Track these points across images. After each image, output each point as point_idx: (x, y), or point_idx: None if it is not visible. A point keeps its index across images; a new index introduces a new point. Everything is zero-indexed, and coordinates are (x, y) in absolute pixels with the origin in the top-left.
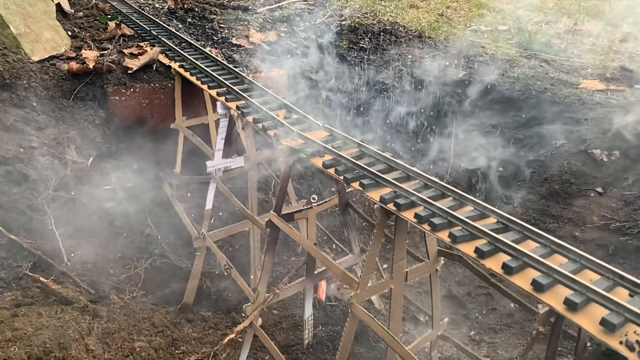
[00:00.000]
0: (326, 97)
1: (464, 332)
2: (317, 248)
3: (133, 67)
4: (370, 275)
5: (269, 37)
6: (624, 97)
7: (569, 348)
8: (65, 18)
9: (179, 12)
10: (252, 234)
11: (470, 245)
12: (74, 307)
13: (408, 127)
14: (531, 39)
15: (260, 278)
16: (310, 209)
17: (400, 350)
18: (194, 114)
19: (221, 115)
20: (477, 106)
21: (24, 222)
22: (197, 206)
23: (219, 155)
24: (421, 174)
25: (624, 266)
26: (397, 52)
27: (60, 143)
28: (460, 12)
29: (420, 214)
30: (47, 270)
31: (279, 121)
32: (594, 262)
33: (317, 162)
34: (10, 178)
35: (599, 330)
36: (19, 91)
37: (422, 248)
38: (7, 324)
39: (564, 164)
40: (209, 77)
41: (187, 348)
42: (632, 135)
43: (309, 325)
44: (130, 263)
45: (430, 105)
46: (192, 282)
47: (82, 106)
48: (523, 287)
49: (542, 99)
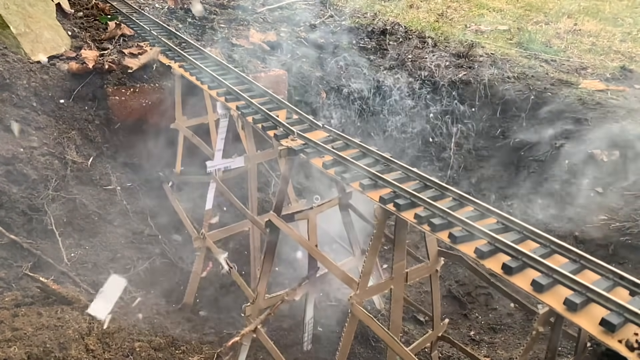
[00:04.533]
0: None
1: (463, 332)
2: (318, 249)
3: (133, 67)
4: (370, 276)
5: (269, 37)
6: (624, 97)
7: (569, 348)
8: (65, 18)
9: (178, 12)
10: (252, 234)
11: (470, 246)
12: (74, 307)
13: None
14: (531, 39)
15: (260, 278)
16: (311, 210)
17: (400, 350)
18: (194, 113)
19: (221, 115)
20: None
21: (24, 222)
22: (197, 206)
23: (219, 155)
24: (421, 174)
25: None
26: (397, 52)
27: (60, 143)
28: (460, 12)
29: (420, 214)
30: (47, 270)
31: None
32: (594, 262)
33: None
34: (11, 178)
35: (598, 331)
36: (19, 91)
37: (422, 248)
38: (7, 324)
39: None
40: (209, 77)
41: (187, 348)
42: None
43: (309, 329)
44: (130, 263)
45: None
46: (192, 282)
47: (82, 106)
48: (523, 287)
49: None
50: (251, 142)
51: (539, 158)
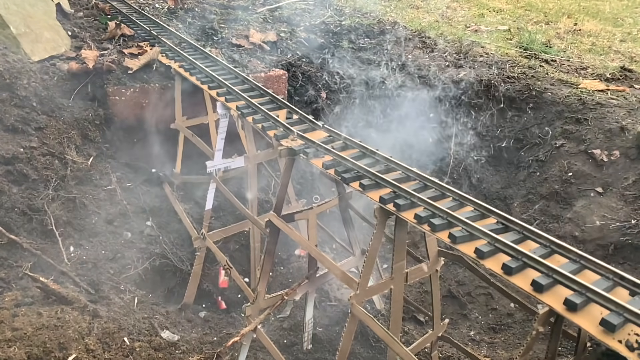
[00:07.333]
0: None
1: (464, 332)
2: (318, 249)
3: (133, 67)
4: (370, 276)
5: (269, 37)
6: (624, 97)
7: (569, 348)
8: (65, 18)
9: (179, 12)
10: (252, 234)
11: (470, 246)
12: (74, 307)
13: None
14: (531, 39)
15: (260, 278)
16: (311, 210)
17: (400, 350)
18: (194, 113)
19: (221, 115)
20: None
21: (24, 222)
22: (197, 206)
23: (219, 155)
24: (421, 174)
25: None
26: (397, 51)
27: (60, 143)
28: (460, 12)
29: (420, 215)
30: (47, 270)
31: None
32: (594, 262)
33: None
34: (11, 178)
35: (598, 331)
36: (19, 91)
37: (422, 248)
38: (7, 324)
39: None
40: (209, 77)
41: (187, 348)
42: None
43: (309, 329)
44: (130, 263)
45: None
46: (192, 282)
47: (82, 106)
48: (523, 287)
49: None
50: (251, 142)
51: (539, 158)
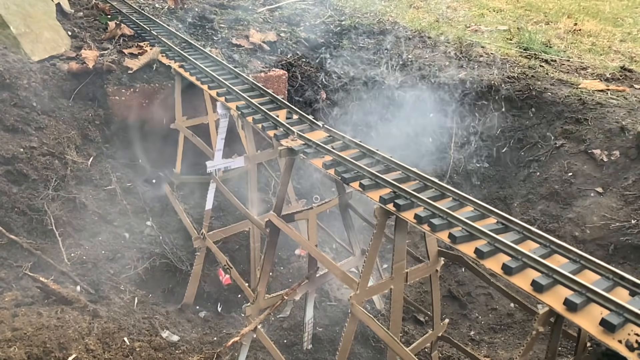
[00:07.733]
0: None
1: (464, 332)
2: (318, 249)
3: (133, 67)
4: (370, 276)
5: (269, 37)
6: (624, 97)
7: (569, 348)
8: (65, 18)
9: (178, 12)
10: (252, 234)
11: (470, 246)
12: (74, 307)
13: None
14: (531, 39)
15: (260, 278)
16: (311, 210)
17: (400, 350)
18: (194, 113)
19: (221, 115)
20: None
21: (24, 222)
22: (197, 206)
23: (219, 155)
24: (421, 174)
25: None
26: (397, 51)
27: (60, 143)
28: (460, 11)
29: (420, 215)
30: (47, 270)
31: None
32: (594, 262)
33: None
34: (11, 178)
35: (598, 331)
36: (19, 91)
37: (422, 248)
38: (7, 324)
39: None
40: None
41: (187, 348)
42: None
43: (309, 329)
44: (130, 263)
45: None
46: (192, 282)
47: (82, 106)
48: (523, 287)
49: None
50: (251, 142)
51: (539, 158)
